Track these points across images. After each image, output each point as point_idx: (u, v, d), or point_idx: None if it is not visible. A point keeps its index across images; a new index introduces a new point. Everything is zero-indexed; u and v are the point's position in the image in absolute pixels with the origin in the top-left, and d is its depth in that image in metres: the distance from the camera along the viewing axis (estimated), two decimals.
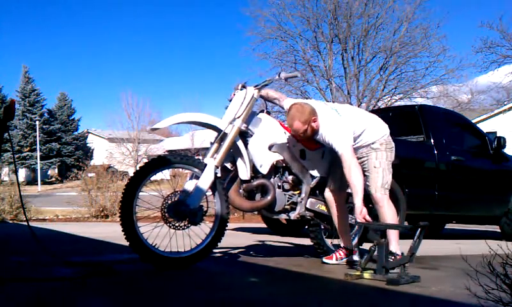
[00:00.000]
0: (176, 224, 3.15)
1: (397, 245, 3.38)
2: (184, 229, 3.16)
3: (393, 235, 3.40)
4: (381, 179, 3.42)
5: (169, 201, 3.15)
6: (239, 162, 3.37)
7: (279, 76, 3.43)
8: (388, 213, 3.43)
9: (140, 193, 3.10)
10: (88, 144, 49.57)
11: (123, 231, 3.03)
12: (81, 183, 10.19)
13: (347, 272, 3.12)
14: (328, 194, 3.58)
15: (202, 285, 2.79)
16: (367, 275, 3.00)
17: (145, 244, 3.06)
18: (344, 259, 3.63)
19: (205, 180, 3.19)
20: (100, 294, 2.42)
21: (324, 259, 3.68)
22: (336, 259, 3.65)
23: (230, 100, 3.48)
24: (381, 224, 3.32)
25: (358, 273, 3.01)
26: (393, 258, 3.28)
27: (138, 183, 3.08)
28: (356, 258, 3.60)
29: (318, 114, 3.32)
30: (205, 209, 3.22)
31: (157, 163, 3.19)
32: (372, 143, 3.44)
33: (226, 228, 3.31)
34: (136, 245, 3.03)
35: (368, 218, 3.12)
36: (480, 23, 19.34)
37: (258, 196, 3.45)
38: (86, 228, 7.10)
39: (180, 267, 3.13)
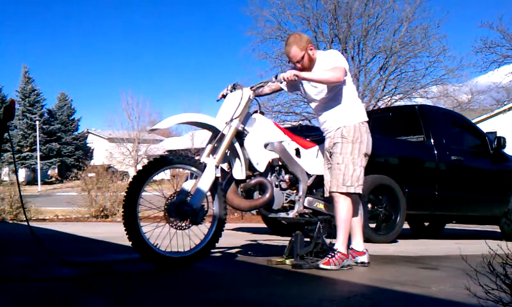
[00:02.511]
0: (178, 224, 3.16)
1: (342, 243, 3.36)
2: (185, 229, 3.17)
3: (341, 233, 3.38)
4: (342, 176, 3.35)
5: (172, 201, 3.15)
6: (234, 161, 3.41)
7: (275, 78, 3.42)
8: (341, 213, 3.37)
9: (142, 193, 3.10)
10: (88, 144, 49.58)
11: (126, 230, 3.02)
12: (81, 183, 10.21)
13: (270, 258, 3.53)
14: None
15: (202, 285, 2.79)
16: (288, 262, 3.43)
17: (147, 243, 3.06)
18: (346, 261, 3.60)
19: (207, 180, 3.20)
20: (100, 294, 2.42)
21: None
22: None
23: (218, 100, 3.59)
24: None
25: (281, 259, 3.47)
26: (333, 253, 3.33)
27: (141, 183, 3.08)
28: (365, 259, 3.56)
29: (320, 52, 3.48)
30: (206, 209, 3.24)
31: (160, 163, 3.20)
32: (344, 127, 3.40)
33: (224, 227, 3.33)
34: (139, 245, 3.03)
35: (289, 76, 3.21)
36: (480, 23, 19.35)
37: (256, 195, 3.46)
38: (86, 228, 7.10)
39: (180, 266, 3.14)
